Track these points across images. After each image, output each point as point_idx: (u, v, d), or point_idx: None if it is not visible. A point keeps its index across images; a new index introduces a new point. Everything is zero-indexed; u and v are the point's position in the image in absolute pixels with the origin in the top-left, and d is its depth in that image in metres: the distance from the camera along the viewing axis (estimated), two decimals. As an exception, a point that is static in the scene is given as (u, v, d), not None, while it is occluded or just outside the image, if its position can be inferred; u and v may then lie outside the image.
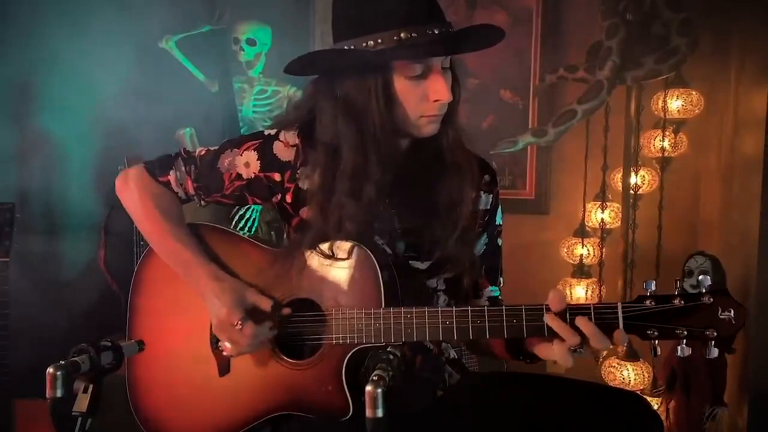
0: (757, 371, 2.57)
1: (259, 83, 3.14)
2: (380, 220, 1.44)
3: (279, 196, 1.50)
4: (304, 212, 1.47)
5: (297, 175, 1.47)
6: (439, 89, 1.35)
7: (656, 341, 1.21)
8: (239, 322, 1.37)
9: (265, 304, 1.40)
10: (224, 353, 1.44)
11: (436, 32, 1.31)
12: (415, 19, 1.31)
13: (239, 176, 1.49)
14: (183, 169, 1.52)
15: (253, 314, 1.39)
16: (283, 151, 1.47)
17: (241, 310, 1.38)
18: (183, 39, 3.05)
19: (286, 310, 1.41)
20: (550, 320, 1.24)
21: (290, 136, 1.48)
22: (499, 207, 1.58)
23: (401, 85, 1.35)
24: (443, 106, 1.38)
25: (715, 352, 1.18)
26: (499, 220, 1.58)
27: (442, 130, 1.43)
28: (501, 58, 3.26)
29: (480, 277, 1.54)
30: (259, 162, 1.47)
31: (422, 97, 1.36)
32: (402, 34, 1.30)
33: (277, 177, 1.48)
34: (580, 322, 1.22)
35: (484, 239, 1.55)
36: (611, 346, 1.28)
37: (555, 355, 1.26)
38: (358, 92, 1.35)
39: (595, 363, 2.97)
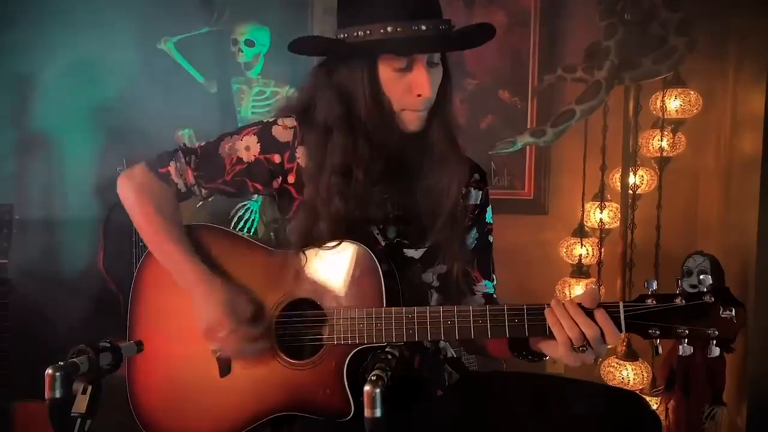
0: (756, 370, 2.57)
1: (258, 84, 3.14)
2: (373, 206, 1.45)
3: (280, 179, 1.51)
4: None
5: (296, 154, 1.48)
6: (421, 83, 1.37)
7: (658, 340, 1.21)
8: (228, 330, 1.38)
9: (246, 312, 1.40)
10: (217, 354, 1.44)
11: (424, 28, 1.34)
12: (405, 14, 1.34)
13: (240, 160, 1.50)
14: (183, 160, 1.53)
15: (242, 321, 1.40)
16: (282, 133, 1.49)
17: (230, 317, 1.38)
18: (182, 40, 3.05)
19: (259, 328, 1.41)
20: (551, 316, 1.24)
21: (288, 121, 1.51)
22: (489, 206, 1.61)
23: (386, 75, 1.38)
24: (426, 101, 1.40)
25: (716, 351, 1.19)
26: (489, 218, 1.61)
27: (430, 125, 1.45)
28: (499, 59, 3.26)
29: (471, 268, 1.56)
30: (258, 144, 1.49)
31: (406, 90, 1.39)
32: (389, 28, 1.33)
33: (277, 158, 1.49)
34: (599, 315, 1.22)
35: (474, 234, 1.58)
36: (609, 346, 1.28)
37: (559, 352, 1.26)
38: (349, 80, 1.40)
39: (594, 363, 2.97)
